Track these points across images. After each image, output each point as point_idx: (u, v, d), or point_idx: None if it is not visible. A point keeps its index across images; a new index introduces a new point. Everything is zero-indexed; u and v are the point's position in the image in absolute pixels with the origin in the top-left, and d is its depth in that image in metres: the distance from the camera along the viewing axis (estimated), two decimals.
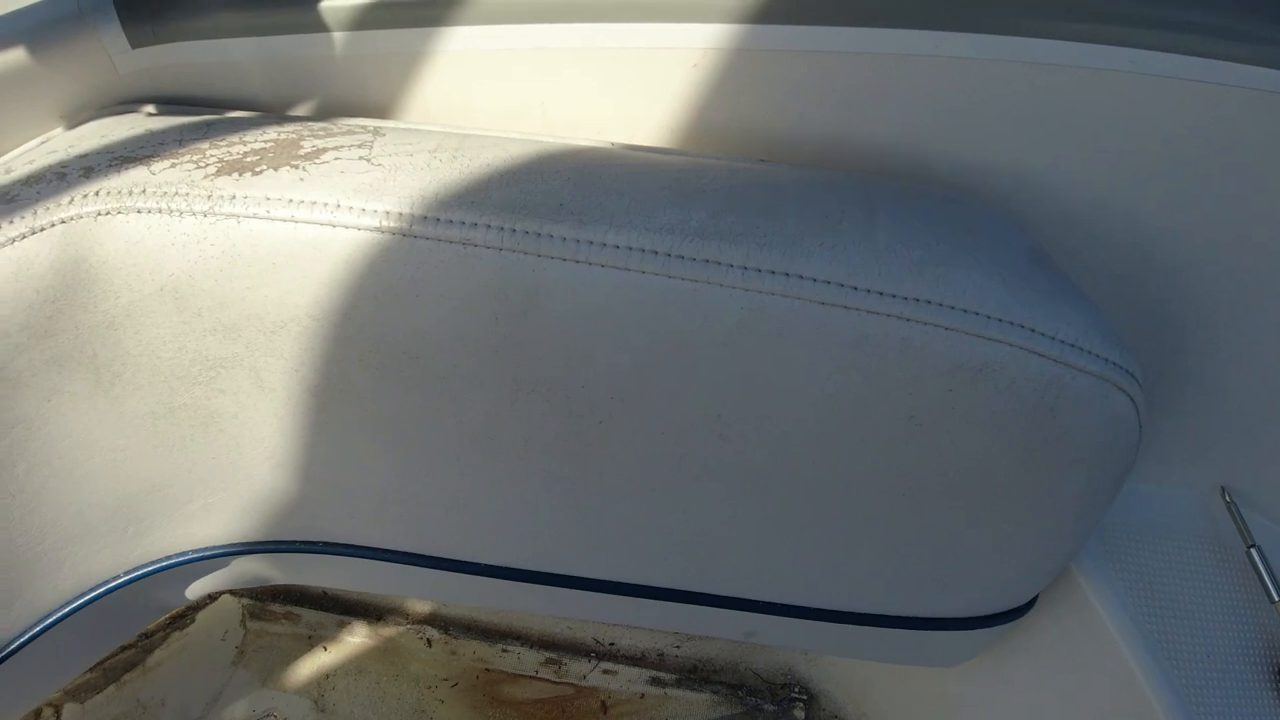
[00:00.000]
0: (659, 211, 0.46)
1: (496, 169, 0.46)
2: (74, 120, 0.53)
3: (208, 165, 0.47)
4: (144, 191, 0.47)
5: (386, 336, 0.47)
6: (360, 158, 0.47)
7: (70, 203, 0.47)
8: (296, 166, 0.46)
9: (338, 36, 0.50)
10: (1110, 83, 0.52)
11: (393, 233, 0.44)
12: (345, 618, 0.82)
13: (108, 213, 0.47)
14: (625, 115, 0.52)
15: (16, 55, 0.50)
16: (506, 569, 0.58)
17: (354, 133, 0.49)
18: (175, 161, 0.48)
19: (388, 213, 0.44)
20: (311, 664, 0.82)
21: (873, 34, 0.52)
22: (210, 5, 0.51)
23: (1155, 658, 0.60)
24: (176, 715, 0.79)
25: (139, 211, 0.47)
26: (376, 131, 0.49)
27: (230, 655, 0.82)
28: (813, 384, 0.47)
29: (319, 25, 0.51)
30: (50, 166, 0.50)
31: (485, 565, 0.58)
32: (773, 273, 0.45)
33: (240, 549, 0.61)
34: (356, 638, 0.82)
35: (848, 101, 0.54)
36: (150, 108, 0.54)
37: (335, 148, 0.47)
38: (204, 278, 0.47)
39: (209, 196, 0.46)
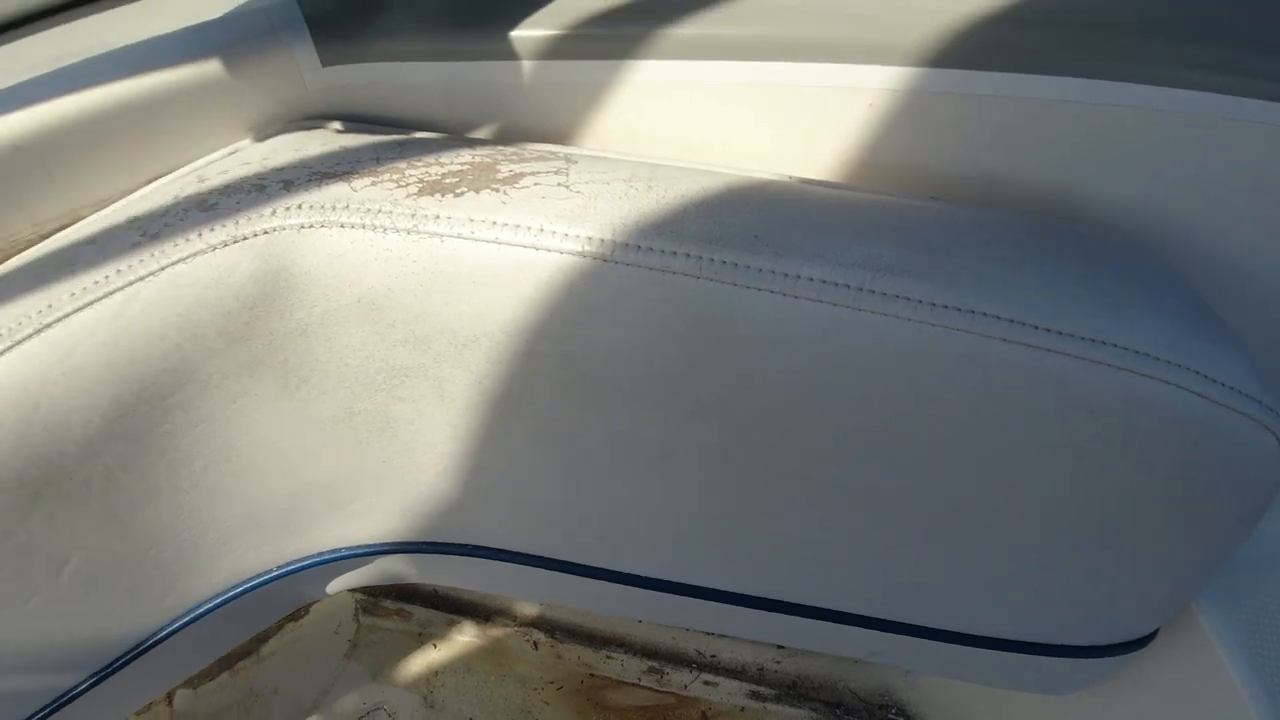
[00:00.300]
0: (848, 246, 0.47)
1: (690, 200, 0.48)
2: (261, 133, 0.55)
3: (408, 185, 0.49)
4: (347, 207, 0.49)
5: (577, 354, 0.48)
6: (559, 184, 0.48)
7: (273, 214, 0.49)
8: (497, 190, 0.48)
9: (525, 65, 0.52)
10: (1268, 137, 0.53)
11: (594, 258, 0.46)
12: (455, 617, 0.84)
13: (311, 226, 0.49)
14: (802, 150, 0.53)
15: (211, 67, 0.52)
16: (650, 579, 0.60)
17: (546, 159, 0.50)
18: (375, 180, 0.49)
19: (590, 238, 0.46)
20: (421, 661, 0.84)
21: (1034, 80, 0.53)
22: (402, 30, 0.53)
23: (1275, 704, 0.61)
24: (288, 705, 0.81)
25: (342, 226, 0.49)
26: (568, 159, 0.50)
27: (342, 648, 0.84)
28: (980, 415, 0.48)
29: (507, 54, 0.52)
30: (247, 178, 0.52)
31: (630, 574, 0.60)
32: (959, 310, 0.46)
33: (390, 548, 0.63)
34: (465, 636, 0.84)
35: (1012, 144, 0.55)
36: (336, 124, 0.55)
37: (532, 173, 0.49)
38: (403, 292, 0.49)
39: (413, 215, 0.48)
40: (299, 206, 0.49)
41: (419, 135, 0.54)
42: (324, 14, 0.53)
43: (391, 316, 0.50)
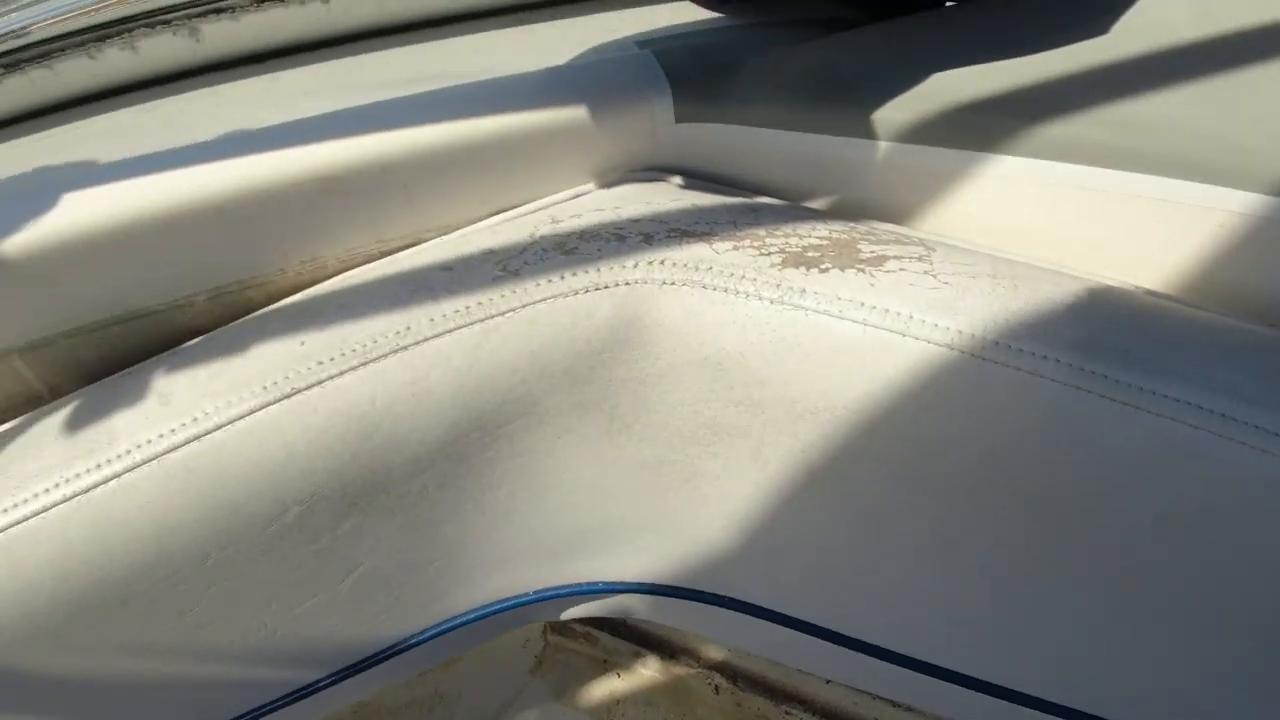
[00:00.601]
0: (1214, 369, 0.47)
1: (1059, 304, 0.48)
2: (604, 178, 0.56)
3: (771, 254, 0.50)
4: (710, 269, 0.50)
5: (920, 441, 0.48)
6: (924, 272, 0.48)
7: (635, 267, 0.50)
8: (863, 271, 0.48)
9: (878, 144, 0.53)
10: None
11: (963, 351, 0.46)
12: (640, 649, 0.85)
13: (673, 283, 0.50)
14: (1149, 261, 0.53)
15: (572, 111, 0.54)
16: (905, 656, 0.60)
17: (902, 242, 0.51)
18: (737, 244, 0.50)
19: (961, 332, 0.46)
20: (604, 687, 0.85)
21: None
22: (759, 97, 0.54)
23: None
24: (469, 712, 0.83)
25: (704, 287, 0.50)
26: (924, 244, 0.51)
27: (529, 664, 0.86)
28: None
29: (862, 131, 0.53)
30: (604, 225, 0.53)
31: (889, 650, 0.60)
32: None
33: (646, 588, 0.64)
34: (649, 670, 0.85)
35: None
36: (677, 179, 0.56)
37: (895, 256, 0.49)
38: (754, 357, 0.49)
39: (778, 285, 0.49)
40: (661, 262, 0.50)
41: (766, 201, 0.55)
42: (685, 73, 0.54)
43: (734, 379, 0.51)
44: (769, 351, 0.49)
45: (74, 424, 0.51)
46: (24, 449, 0.52)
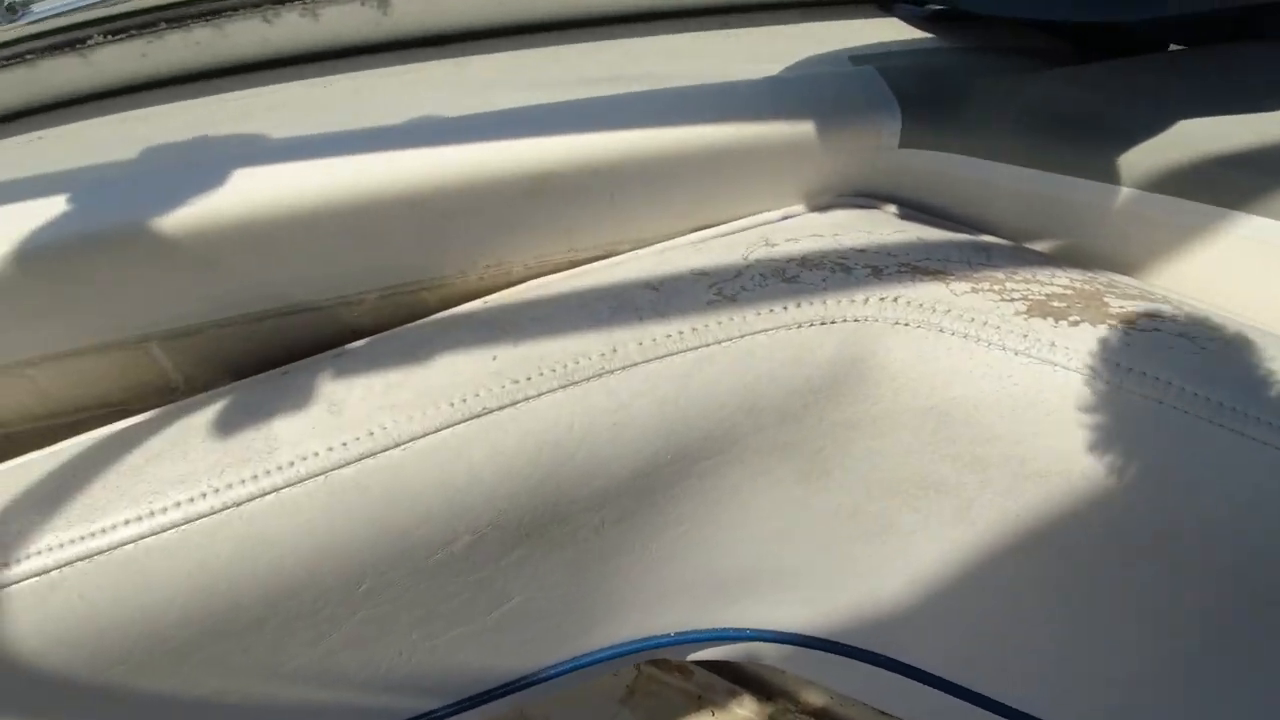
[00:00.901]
0: None
1: None
2: (813, 200, 0.52)
3: (1013, 300, 0.46)
4: (949, 312, 0.46)
5: (1163, 518, 0.45)
6: (1178, 334, 0.45)
7: (865, 303, 0.47)
8: (1115, 328, 0.45)
9: (1120, 191, 0.49)
10: None
11: (1222, 426, 0.43)
12: (736, 687, 0.82)
13: (906, 323, 0.46)
14: None
15: (794, 126, 0.50)
16: None
17: (1148, 299, 0.47)
18: (975, 287, 0.47)
19: (1221, 404, 0.43)
20: None
21: None
22: (992, 128, 0.50)
23: None
24: None
25: (941, 330, 0.46)
26: (1169, 302, 0.47)
27: (620, 693, 0.81)
28: None
29: (1102, 175, 0.49)
30: (825, 254, 0.49)
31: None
32: None
33: (798, 639, 0.60)
34: (744, 710, 0.81)
35: None
36: (892, 208, 0.53)
37: (1146, 314, 0.46)
38: (988, 410, 0.46)
39: (1024, 336, 0.45)
40: (894, 300, 0.46)
41: (993, 240, 0.51)
42: (914, 95, 0.50)
43: (957, 431, 0.47)
44: (1006, 406, 0.45)
45: (226, 426, 0.46)
46: (164, 449, 0.47)
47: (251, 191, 0.45)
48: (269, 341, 0.50)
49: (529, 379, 0.45)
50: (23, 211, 0.47)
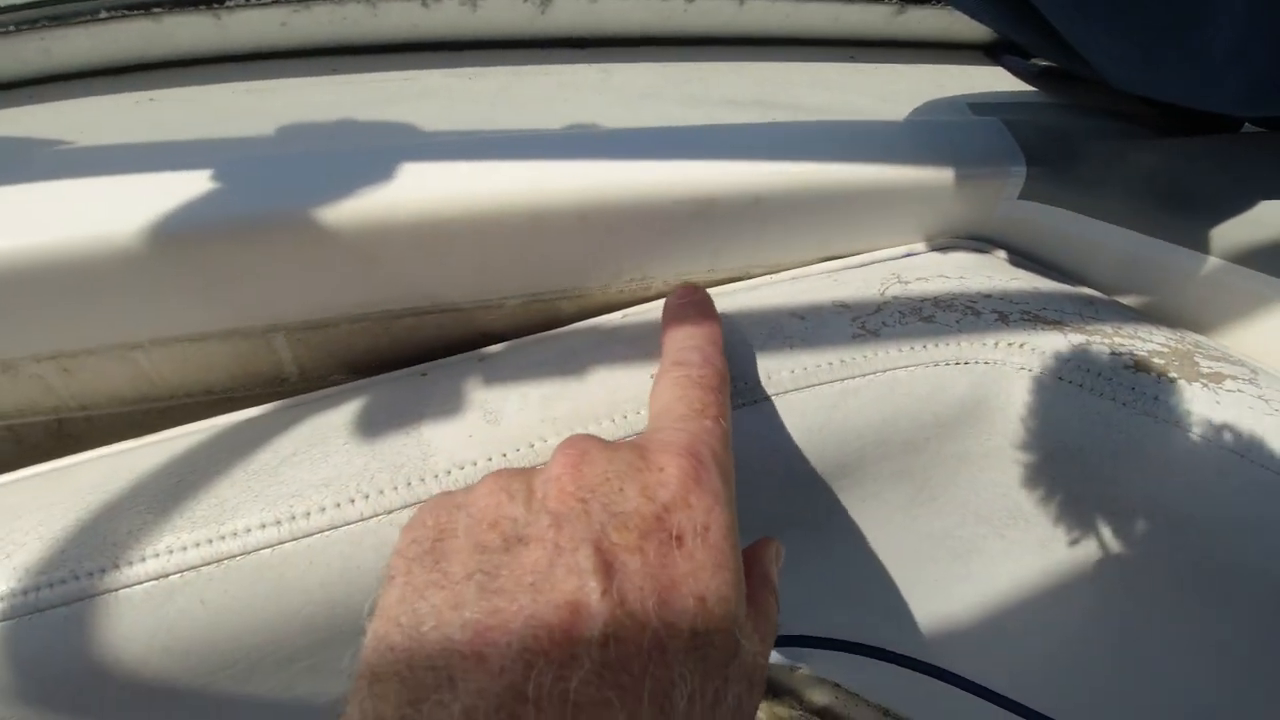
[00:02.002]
0: None
1: None
2: (933, 239, 0.56)
3: (1121, 354, 0.51)
4: (1068, 361, 0.51)
5: (1232, 565, 0.51)
6: (1258, 396, 0.51)
7: (995, 346, 0.51)
8: (1206, 386, 0.51)
9: (1210, 260, 0.55)
10: None
11: None
12: None
13: (1029, 369, 0.51)
14: None
15: (929, 171, 0.54)
16: None
17: (1231, 361, 0.53)
18: (1088, 339, 0.52)
19: None
20: None
21: None
22: (1105, 190, 0.55)
23: None
24: None
25: (1060, 379, 0.51)
26: (1248, 366, 0.53)
27: None
28: None
29: (1197, 244, 0.55)
30: (955, 295, 0.53)
31: None
32: None
33: (854, 646, 0.64)
34: None
35: None
36: (1002, 253, 0.57)
37: (1231, 376, 0.52)
38: (1091, 454, 0.51)
39: (1132, 389, 0.50)
40: (1020, 346, 0.51)
41: (1096, 294, 0.56)
42: (1038, 151, 0.55)
43: (1060, 469, 0.52)
44: (1106, 451, 0.51)
45: (370, 428, 0.46)
46: (300, 448, 0.47)
47: (428, 189, 0.44)
48: (398, 340, 0.50)
49: None
50: (158, 184, 0.44)
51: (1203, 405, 0.51)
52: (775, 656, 0.68)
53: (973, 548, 0.57)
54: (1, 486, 0.50)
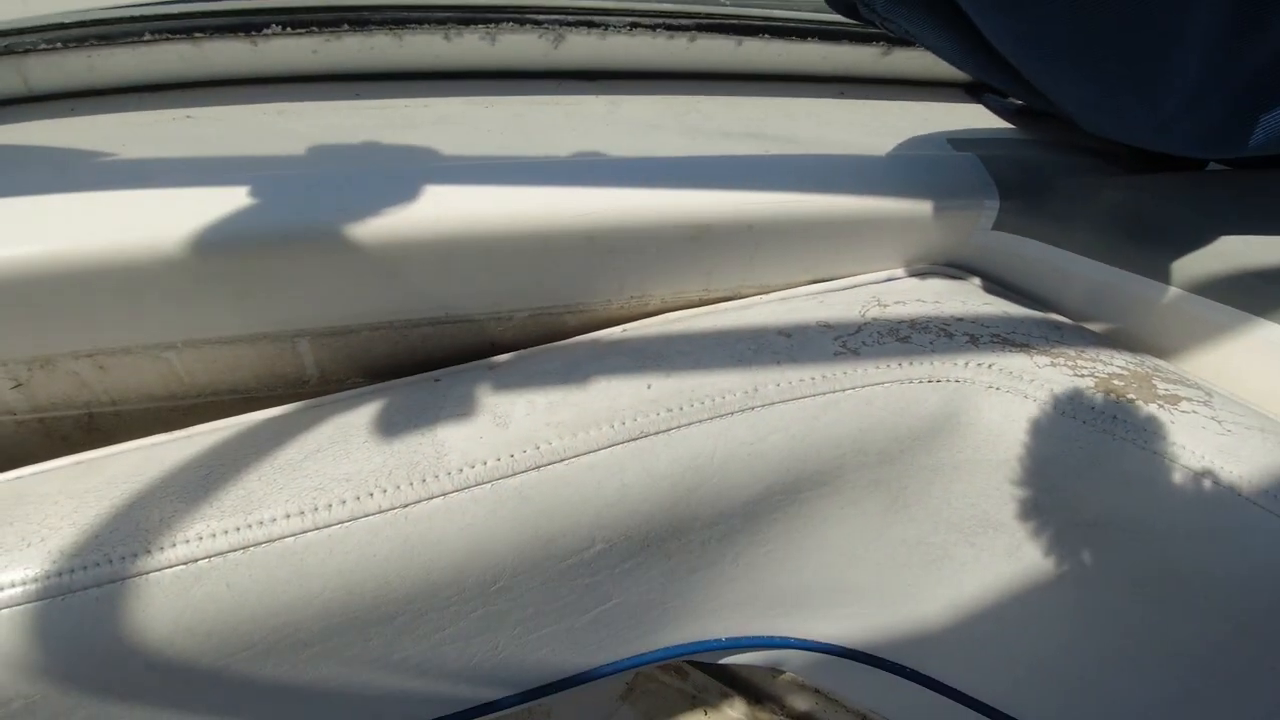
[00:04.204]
0: None
1: None
2: (911, 265, 0.62)
3: (1084, 376, 0.58)
4: (1033, 381, 0.57)
5: (1180, 570, 0.57)
6: (1210, 417, 0.58)
7: (965, 366, 0.57)
8: (1163, 408, 0.57)
9: (1171, 290, 0.61)
10: None
11: (1239, 494, 0.55)
12: (728, 689, 0.91)
13: (997, 388, 0.57)
14: None
15: (909, 203, 0.60)
16: None
17: (1186, 384, 0.60)
18: (1053, 361, 0.58)
19: (1240, 477, 0.55)
20: None
21: None
22: (1074, 223, 0.61)
23: None
24: None
25: (1025, 397, 0.57)
26: (1203, 389, 0.60)
27: (620, 690, 0.89)
28: None
29: (1160, 275, 0.61)
30: (930, 319, 0.59)
31: None
32: None
33: (836, 649, 0.70)
34: (734, 712, 0.90)
35: None
36: (977, 280, 0.63)
37: (1186, 399, 0.58)
38: (1054, 467, 0.57)
39: (1092, 409, 0.56)
40: (989, 366, 0.57)
41: (1063, 320, 0.62)
42: (1012, 185, 0.61)
43: (1024, 482, 0.58)
44: (1069, 465, 0.57)
45: (389, 428, 0.52)
46: (323, 445, 0.52)
47: (447, 209, 0.50)
48: (413, 347, 0.55)
49: (681, 409, 0.53)
50: (199, 197, 0.50)
51: (1159, 424, 0.57)
52: (757, 659, 0.73)
53: (944, 554, 0.63)
54: (34, 476, 0.56)
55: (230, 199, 0.50)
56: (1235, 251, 0.62)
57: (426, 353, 0.56)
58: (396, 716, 0.65)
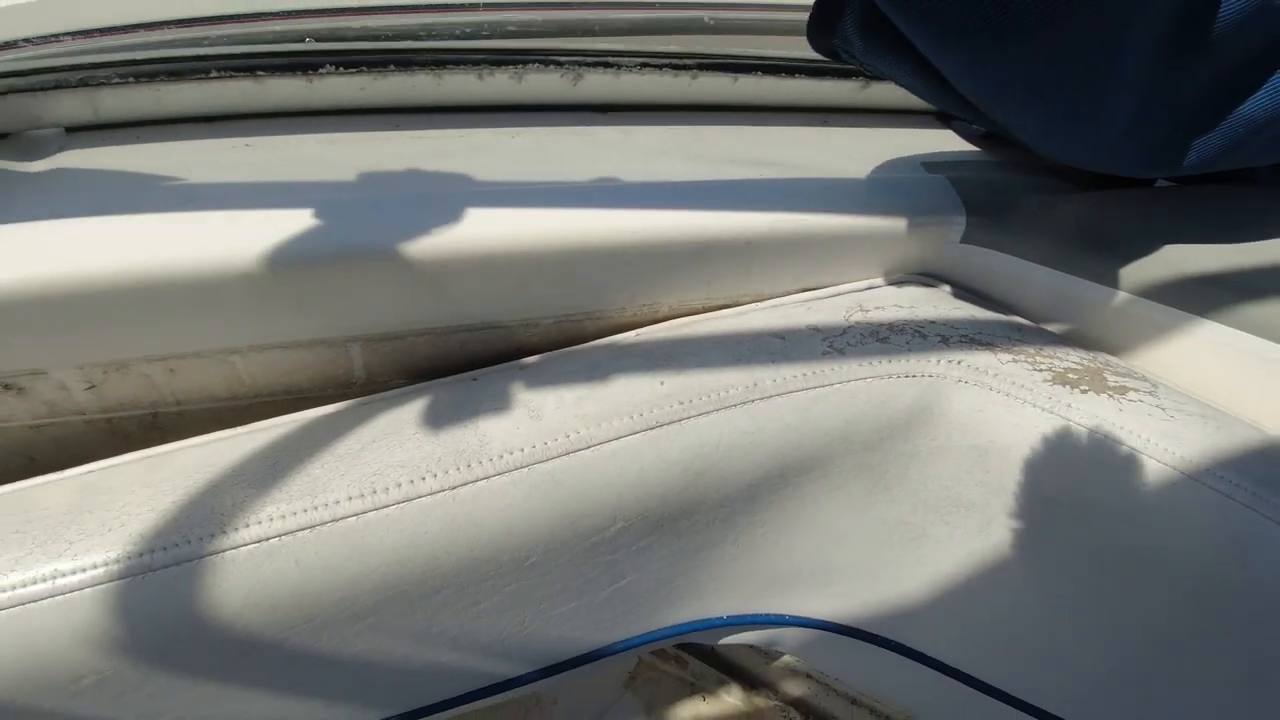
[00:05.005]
0: None
1: (1250, 446, 0.69)
2: (889, 275, 0.73)
3: (1041, 370, 0.68)
4: (996, 375, 0.68)
5: (1129, 536, 0.68)
6: (1155, 405, 0.69)
7: (937, 363, 0.68)
8: (1113, 398, 0.68)
9: (1120, 294, 0.73)
10: None
11: (1179, 471, 0.66)
12: (725, 677, 1.00)
13: (965, 382, 0.68)
14: None
15: (885, 220, 0.70)
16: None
17: (1134, 376, 0.71)
18: (1015, 358, 0.69)
19: (1182, 457, 0.66)
20: (690, 709, 0.99)
21: None
22: (1033, 236, 0.73)
23: None
24: (566, 715, 0.95)
25: (990, 389, 0.67)
26: (1149, 381, 0.71)
27: (623, 678, 0.98)
28: None
29: (1109, 280, 0.72)
30: (907, 322, 0.70)
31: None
32: None
33: (825, 625, 0.80)
34: (731, 698, 1.00)
35: None
36: (947, 288, 0.74)
37: (1133, 389, 0.69)
38: (1017, 450, 0.67)
39: (1050, 398, 0.67)
40: (958, 363, 0.67)
41: (1024, 321, 0.73)
42: (977, 203, 0.72)
43: (991, 465, 0.69)
44: (1029, 449, 0.67)
45: (436, 421, 0.62)
46: (377, 437, 0.62)
47: (483, 229, 0.60)
48: (451, 351, 0.65)
49: (691, 401, 0.63)
50: (266, 219, 0.60)
51: (1108, 411, 0.68)
52: (754, 638, 0.83)
53: (922, 533, 0.73)
54: (105, 470, 0.64)
55: (293, 220, 0.59)
56: (1178, 258, 0.74)
57: (464, 356, 0.65)
58: (428, 692, 0.74)
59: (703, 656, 1.01)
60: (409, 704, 0.74)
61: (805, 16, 0.62)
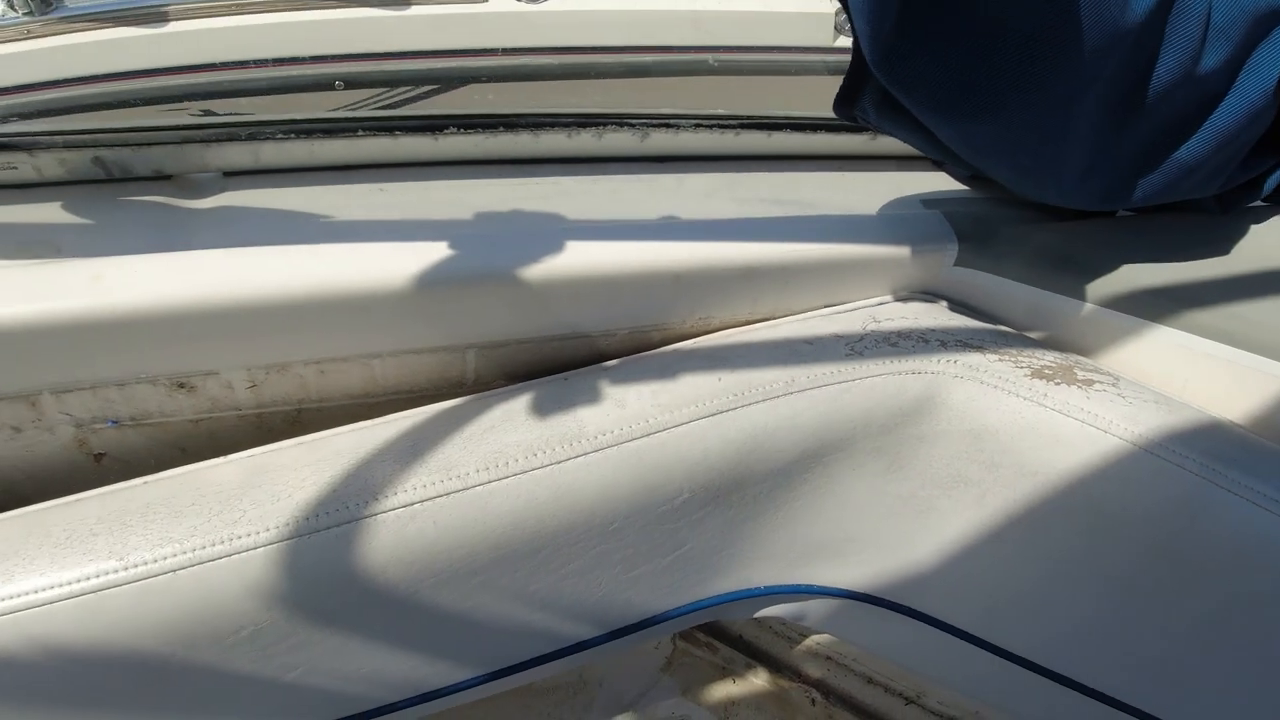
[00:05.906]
0: None
1: (1198, 425, 0.89)
2: (896, 294, 0.94)
3: (1022, 367, 0.89)
4: (986, 372, 0.88)
5: (1099, 503, 0.88)
6: (1117, 394, 0.89)
7: (938, 363, 0.88)
8: (1080, 388, 0.88)
9: (1087, 305, 0.94)
10: None
11: (1138, 446, 0.85)
12: (751, 661, 1.19)
13: (961, 377, 0.88)
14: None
15: (890, 248, 0.91)
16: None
17: (1100, 372, 0.91)
18: (1001, 358, 0.89)
19: (1139, 435, 0.86)
20: (721, 690, 1.17)
21: None
22: (1014, 259, 0.94)
23: None
24: (608, 698, 1.13)
25: (981, 383, 0.88)
26: (1112, 375, 0.91)
27: (660, 663, 1.17)
28: None
29: (1079, 294, 0.93)
30: (914, 330, 0.90)
31: (1053, 671, 0.97)
32: None
33: (847, 594, 1.00)
34: (759, 680, 1.18)
35: None
36: (944, 303, 0.95)
37: (1098, 382, 0.90)
38: (1004, 433, 0.87)
39: (1030, 389, 0.88)
40: (954, 362, 0.88)
41: (1010, 330, 0.94)
42: (967, 233, 0.93)
43: (984, 445, 0.89)
44: (1015, 431, 0.87)
45: (542, 411, 0.81)
46: (495, 424, 0.81)
47: (576, 259, 0.80)
48: (546, 357, 0.85)
49: (743, 394, 0.83)
50: (402, 249, 0.80)
51: (1078, 399, 0.88)
52: (783, 612, 1.02)
53: (930, 506, 0.93)
54: (271, 452, 0.83)
55: (425, 250, 0.79)
56: (1136, 275, 0.93)
57: (556, 360, 0.85)
58: (510, 653, 0.92)
59: (731, 642, 1.19)
60: (491, 665, 0.92)
61: (796, 58, 0.85)
